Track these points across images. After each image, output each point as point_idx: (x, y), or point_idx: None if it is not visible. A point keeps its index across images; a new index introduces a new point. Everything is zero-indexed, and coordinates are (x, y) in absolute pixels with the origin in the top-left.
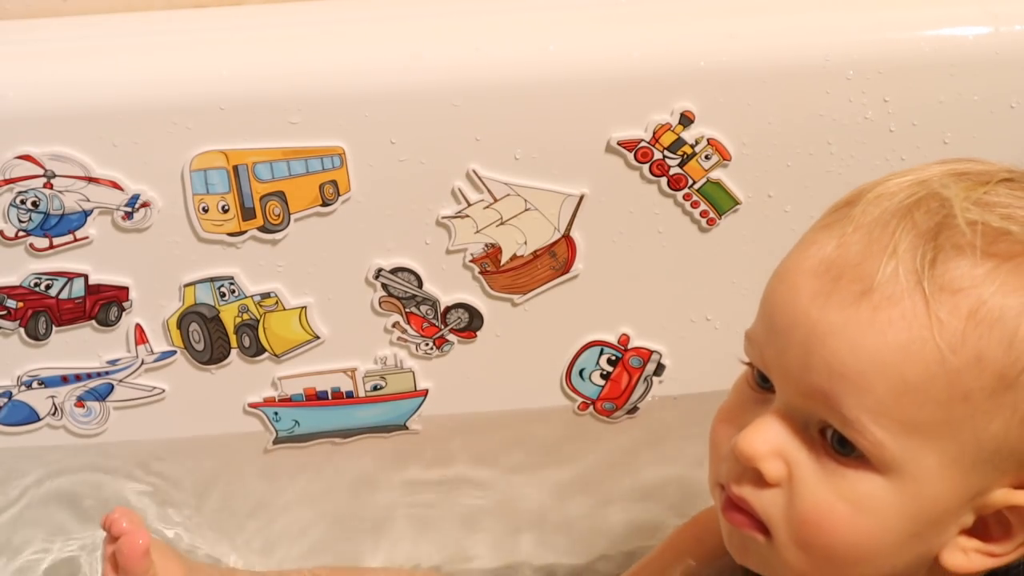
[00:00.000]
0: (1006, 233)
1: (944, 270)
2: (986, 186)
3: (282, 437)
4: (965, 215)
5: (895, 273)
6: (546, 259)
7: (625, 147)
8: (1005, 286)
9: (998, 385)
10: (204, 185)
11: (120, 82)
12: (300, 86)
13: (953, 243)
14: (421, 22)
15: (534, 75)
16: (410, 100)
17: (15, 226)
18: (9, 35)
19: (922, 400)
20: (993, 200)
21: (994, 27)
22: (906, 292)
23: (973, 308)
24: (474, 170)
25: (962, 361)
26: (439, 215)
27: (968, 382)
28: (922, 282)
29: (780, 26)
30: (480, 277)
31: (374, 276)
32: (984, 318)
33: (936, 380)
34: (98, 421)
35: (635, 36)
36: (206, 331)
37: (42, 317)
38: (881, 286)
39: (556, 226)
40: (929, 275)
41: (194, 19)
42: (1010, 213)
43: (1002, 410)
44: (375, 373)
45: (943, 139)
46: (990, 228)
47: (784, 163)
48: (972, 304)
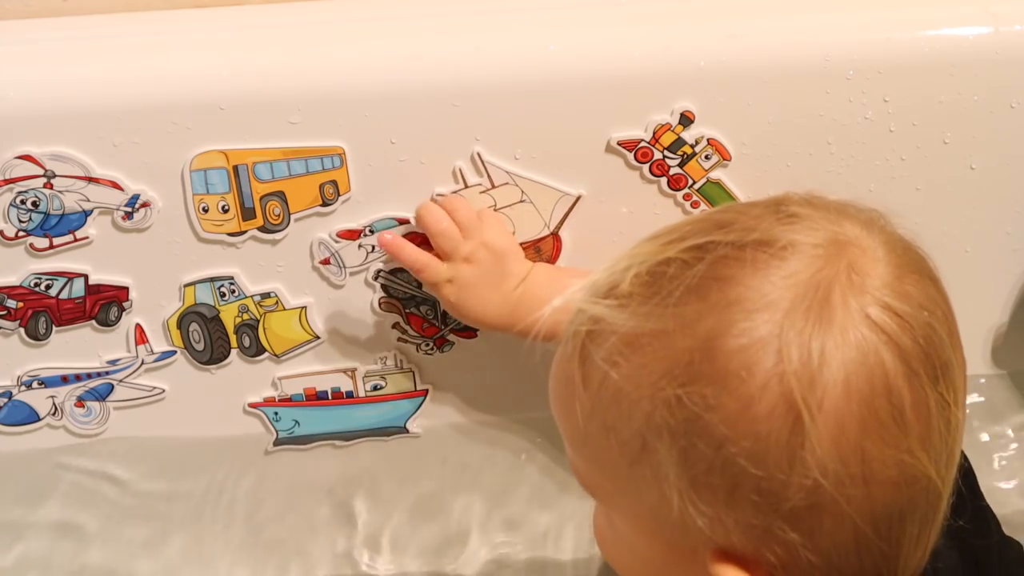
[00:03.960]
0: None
1: (596, 346)
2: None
3: (282, 438)
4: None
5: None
6: (530, 254)
7: (625, 147)
8: (630, 364)
9: (631, 458)
10: (204, 185)
11: (120, 82)
12: (300, 86)
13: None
14: (421, 22)
15: (534, 75)
16: (410, 100)
17: (15, 226)
18: (9, 35)
19: (582, 454)
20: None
21: (994, 27)
22: (575, 351)
23: (600, 381)
24: (478, 153)
25: (594, 430)
26: (435, 192)
27: (605, 449)
28: (587, 345)
29: (780, 26)
30: None
31: (373, 277)
32: (606, 392)
33: (583, 440)
34: (98, 421)
35: (635, 36)
36: (206, 331)
37: (42, 317)
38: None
39: (547, 222)
40: (587, 340)
41: (194, 19)
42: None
43: (646, 483)
44: (375, 373)
45: (943, 139)
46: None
47: (784, 163)
48: (600, 377)
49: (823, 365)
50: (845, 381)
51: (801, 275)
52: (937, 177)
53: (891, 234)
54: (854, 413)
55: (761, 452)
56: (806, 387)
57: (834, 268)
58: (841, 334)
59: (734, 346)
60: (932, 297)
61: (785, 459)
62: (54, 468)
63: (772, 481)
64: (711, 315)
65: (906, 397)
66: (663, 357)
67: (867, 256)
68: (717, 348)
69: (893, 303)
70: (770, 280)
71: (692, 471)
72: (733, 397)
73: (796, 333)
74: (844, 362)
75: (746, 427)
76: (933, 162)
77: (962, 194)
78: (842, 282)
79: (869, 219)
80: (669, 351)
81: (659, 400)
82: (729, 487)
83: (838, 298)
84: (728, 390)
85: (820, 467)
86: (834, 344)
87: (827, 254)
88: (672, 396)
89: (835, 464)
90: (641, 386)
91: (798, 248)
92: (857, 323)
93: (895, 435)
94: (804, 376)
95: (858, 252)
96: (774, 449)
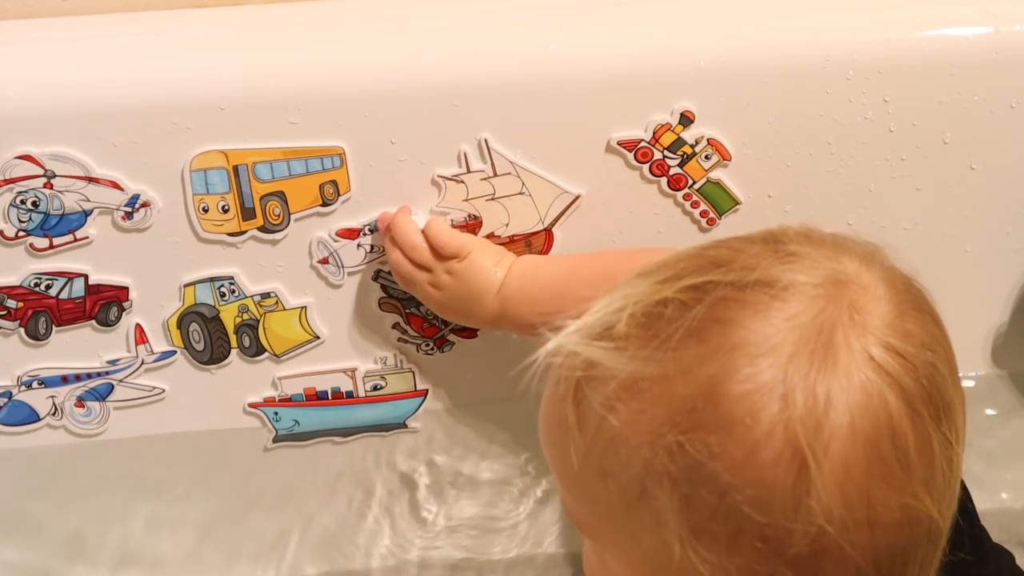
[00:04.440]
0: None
1: (591, 389)
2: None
3: (282, 436)
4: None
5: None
6: (520, 246)
7: (625, 147)
8: (629, 409)
9: (628, 502)
10: (204, 185)
11: (120, 82)
12: (300, 86)
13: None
14: (421, 22)
15: (534, 75)
16: (410, 100)
17: (15, 226)
18: (9, 35)
19: (576, 495)
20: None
21: (994, 27)
22: (567, 393)
23: (597, 424)
24: (485, 139)
25: (590, 473)
26: (436, 172)
27: (601, 492)
28: (582, 388)
29: (780, 26)
30: None
31: (373, 277)
32: (603, 436)
33: (577, 482)
34: (98, 421)
35: (635, 36)
36: (206, 331)
37: (42, 317)
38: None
39: (542, 217)
40: (582, 383)
41: (194, 19)
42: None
43: (645, 528)
44: (375, 373)
45: (943, 139)
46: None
47: (784, 163)
48: (597, 421)
49: (829, 409)
50: (850, 425)
51: (803, 317)
52: (937, 177)
53: (890, 269)
54: (860, 457)
55: (766, 499)
56: (812, 433)
57: (836, 309)
58: (846, 377)
59: (738, 392)
60: (933, 335)
61: (790, 506)
62: (54, 468)
63: (777, 528)
64: (713, 360)
65: (910, 439)
66: (664, 403)
67: (868, 294)
68: (720, 394)
69: (895, 343)
70: (772, 323)
71: (694, 518)
72: (738, 444)
73: (801, 377)
74: (849, 405)
75: (751, 474)
76: (933, 162)
77: (962, 194)
78: (844, 323)
79: (867, 254)
80: (670, 397)
81: (660, 447)
82: (732, 534)
83: (841, 340)
84: (733, 437)
85: (825, 513)
86: (839, 387)
87: (828, 294)
88: (673, 443)
89: (840, 510)
90: (640, 432)
91: (799, 288)
92: (861, 365)
93: (900, 478)
94: (810, 421)
95: (859, 291)
96: (779, 496)
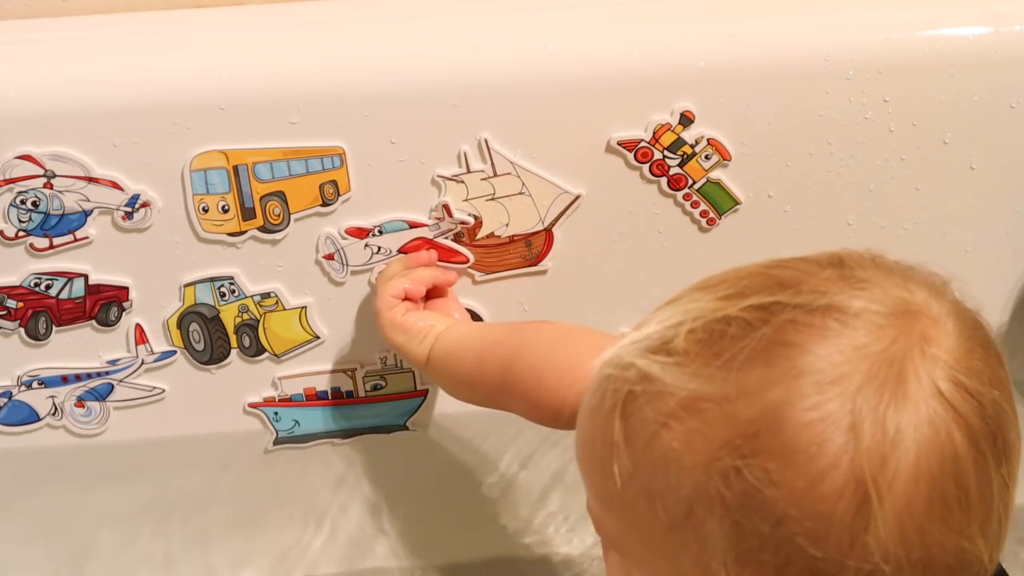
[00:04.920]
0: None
1: (644, 403)
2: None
3: (282, 437)
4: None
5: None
6: (520, 247)
7: (625, 147)
8: (685, 428)
9: (672, 524)
10: (204, 185)
11: (120, 82)
12: (300, 86)
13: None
14: (421, 22)
15: (534, 75)
16: (410, 100)
17: (15, 226)
18: (9, 35)
19: (612, 511)
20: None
21: (994, 27)
22: (615, 406)
23: (647, 441)
24: (485, 139)
25: (633, 492)
26: (436, 172)
27: (641, 511)
28: (636, 402)
29: (780, 26)
30: (471, 270)
31: (374, 279)
32: (652, 454)
33: (617, 499)
34: (98, 421)
35: (635, 36)
36: (206, 331)
37: (42, 317)
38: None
39: (542, 217)
40: (636, 397)
41: (194, 19)
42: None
43: (686, 551)
44: (375, 373)
45: (943, 139)
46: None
47: (784, 163)
48: (647, 437)
49: (897, 444)
50: (916, 461)
51: (874, 347)
52: (937, 177)
53: (957, 303)
54: (923, 495)
55: (822, 533)
56: (877, 467)
57: (908, 341)
58: (915, 412)
59: (804, 420)
60: (998, 374)
61: (847, 541)
62: (55, 468)
63: (829, 563)
64: (779, 384)
65: (972, 479)
66: (724, 425)
67: (938, 327)
68: (785, 421)
69: (964, 379)
70: (841, 351)
71: (743, 546)
72: (799, 474)
73: (870, 409)
74: (917, 441)
75: (810, 506)
76: (933, 162)
77: (962, 194)
78: (915, 356)
79: (934, 285)
80: (731, 419)
81: (715, 470)
82: (780, 564)
83: (912, 373)
84: (794, 466)
85: (882, 551)
86: (909, 421)
87: (899, 324)
88: (731, 467)
89: (898, 549)
90: (696, 452)
91: (870, 317)
92: (930, 399)
93: (959, 519)
94: (876, 455)
95: (929, 323)
96: (836, 530)
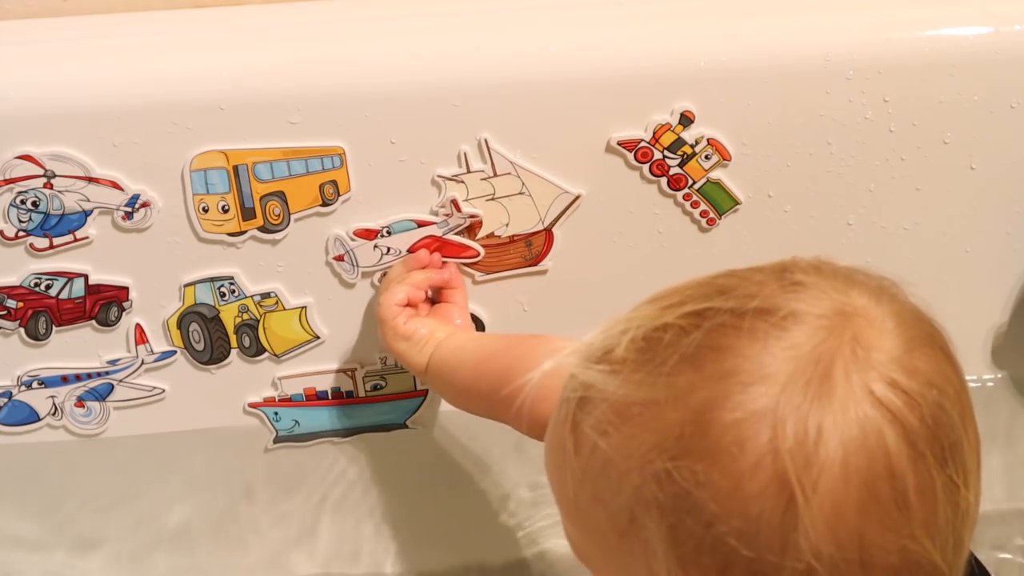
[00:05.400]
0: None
1: (586, 413)
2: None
3: (282, 437)
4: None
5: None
6: (520, 247)
7: (625, 147)
8: (620, 434)
9: (620, 531)
10: (204, 185)
11: (120, 82)
12: (300, 86)
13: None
14: (421, 22)
15: (534, 75)
16: (410, 100)
17: (15, 226)
18: (9, 35)
19: (573, 522)
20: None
21: (994, 27)
22: (567, 416)
23: (591, 449)
24: (485, 139)
25: (585, 500)
26: (436, 172)
27: (594, 519)
28: (578, 412)
29: (780, 26)
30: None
31: (379, 280)
32: (596, 461)
33: (574, 508)
34: (98, 421)
35: (635, 36)
36: (206, 331)
37: (42, 317)
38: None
39: (542, 217)
40: (578, 407)
41: (194, 19)
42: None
43: (635, 558)
44: (375, 373)
45: (943, 139)
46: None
47: (784, 163)
48: (590, 446)
49: (820, 443)
50: (843, 461)
51: (802, 347)
52: (937, 177)
53: (902, 304)
54: (852, 495)
55: (752, 533)
56: (800, 466)
57: (837, 340)
58: (841, 411)
59: (727, 420)
60: (944, 373)
61: (777, 541)
62: (55, 468)
63: (764, 563)
64: (705, 386)
65: (910, 480)
66: (653, 429)
67: (874, 328)
68: (710, 422)
69: (900, 379)
70: (769, 351)
71: (681, 548)
72: (724, 474)
73: (793, 408)
74: (843, 441)
75: (737, 506)
76: (933, 162)
77: (962, 194)
78: (845, 356)
79: (879, 287)
80: (660, 422)
81: (648, 473)
82: (720, 567)
83: (840, 373)
84: (719, 466)
85: (814, 551)
86: (832, 421)
87: (831, 325)
88: (661, 470)
89: (831, 548)
90: (630, 457)
91: (801, 318)
92: (859, 400)
93: (896, 519)
94: (799, 454)
95: (864, 324)
96: (766, 530)
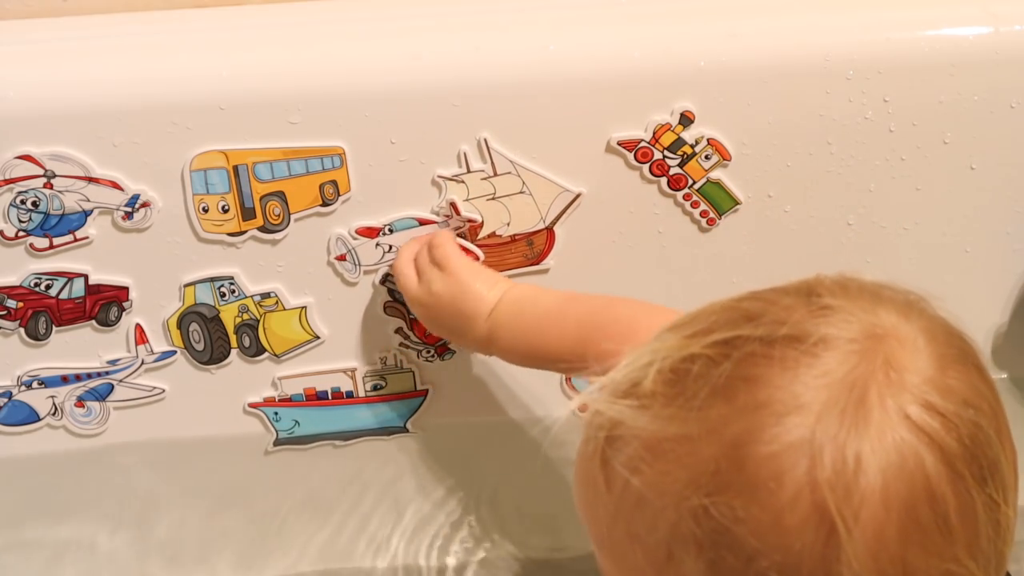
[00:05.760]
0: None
1: (616, 449)
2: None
3: (282, 438)
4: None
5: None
6: (522, 246)
7: (625, 147)
8: (653, 470)
9: (657, 567)
10: (204, 185)
11: (120, 82)
12: (300, 86)
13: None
14: (421, 22)
15: (534, 75)
16: (410, 100)
17: (15, 226)
18: (9, 35)
19: (608, 556)
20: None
21: (994, 27)
22: (595, 452)
23: (623, 486)
24: (485, 139)
25: (618, 536)
26: (436, 172)
27: (630, 555)
28: (607, 449)
29: (780, 26)
30: None
31: (381, 281)
32: (629, 498)
33: (608, 542)
34: (98, 421)
35: (635, 36)
36: (206, 331)
37: (42, 317)
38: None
39: (543, 216)
40: (607, 444)
41: (194, 19)
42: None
43: None
44: (375, 373)
45: (943, 139)
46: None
47: (784, 163)
48: (622, 483)
49: (859, 472)
50: (883, 488)
51: (835, 374)
52: (937, 177)
53: (931, 319)
54: (893, 522)
55: (794, 566)
56: (840, 497)
57: (870, 365)
58: (878, 437)
59: (763, 453)
60: (978, 390)
61: (820, 573)
62: (55, 468)
63: None
64: (738, 419)
65: (951, 502)
66: (688, 464)
67: (906, 348)
68: (745, 456)
69: (935, 401)
70: (801, 380)
71: None
72: (763, 508)
73: (829, 438)
74: (882, 468)
75: (777, 540)
76: (933, 162)
77: (962, 194)
78: (879, 380)
79: (907, 303)
80: (694, 458)
81: (684, 510)
82: None
83: (874, 398)
84: (757, 501)
85: None
86: (870, 448)
87: (863, 349)
88: (698, 506)
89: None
90: (665, 494)
91: (831, 344)
92: (895, 425)
93: (939, 543)
94: (838, 485)
95: (896, 344)
96: (808, 563)
